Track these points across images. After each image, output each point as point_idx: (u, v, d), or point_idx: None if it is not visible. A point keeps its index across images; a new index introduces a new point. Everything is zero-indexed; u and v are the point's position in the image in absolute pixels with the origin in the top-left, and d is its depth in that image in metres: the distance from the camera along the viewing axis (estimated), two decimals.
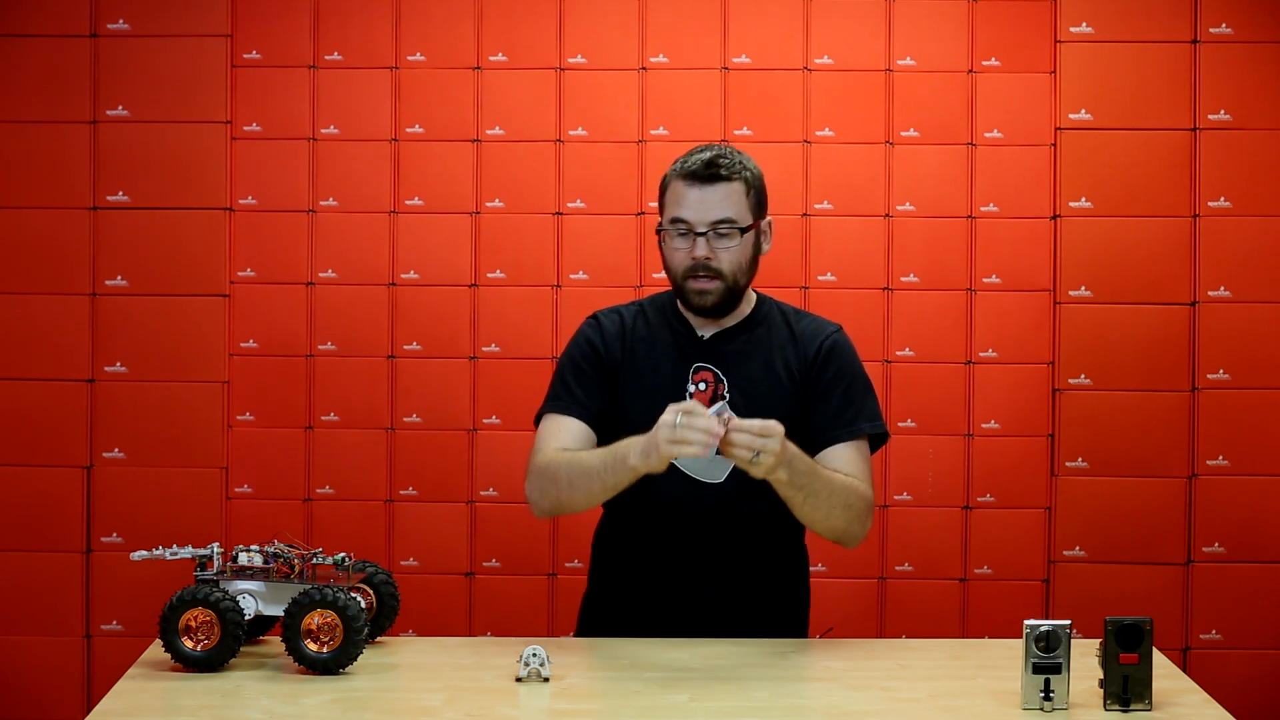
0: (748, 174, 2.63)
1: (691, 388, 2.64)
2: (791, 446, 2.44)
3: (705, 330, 2.69)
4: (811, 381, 2.66)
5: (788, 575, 2.76)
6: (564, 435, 2.63)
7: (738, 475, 2.56)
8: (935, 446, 4.10)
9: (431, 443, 4.12)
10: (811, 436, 2.63)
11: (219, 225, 4.10)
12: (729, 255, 2.60)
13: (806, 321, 2.72)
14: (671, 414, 2.36)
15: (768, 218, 2.68)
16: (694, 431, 2.34)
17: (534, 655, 2.32)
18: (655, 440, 2.38)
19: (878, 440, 2.70)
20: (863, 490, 2.59)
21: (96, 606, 4.07)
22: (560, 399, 2.67)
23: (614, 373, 2.68)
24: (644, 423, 2.47)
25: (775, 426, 2.39)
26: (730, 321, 2.70)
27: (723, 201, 2.60)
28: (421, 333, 4.13)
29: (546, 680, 2.30)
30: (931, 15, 4.12)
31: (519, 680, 2.31)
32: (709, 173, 2.59)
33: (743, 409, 2.58)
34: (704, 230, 2.59)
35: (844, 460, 2.62)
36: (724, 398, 2.63)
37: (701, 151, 2.63)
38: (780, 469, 2.42)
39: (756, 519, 2.65)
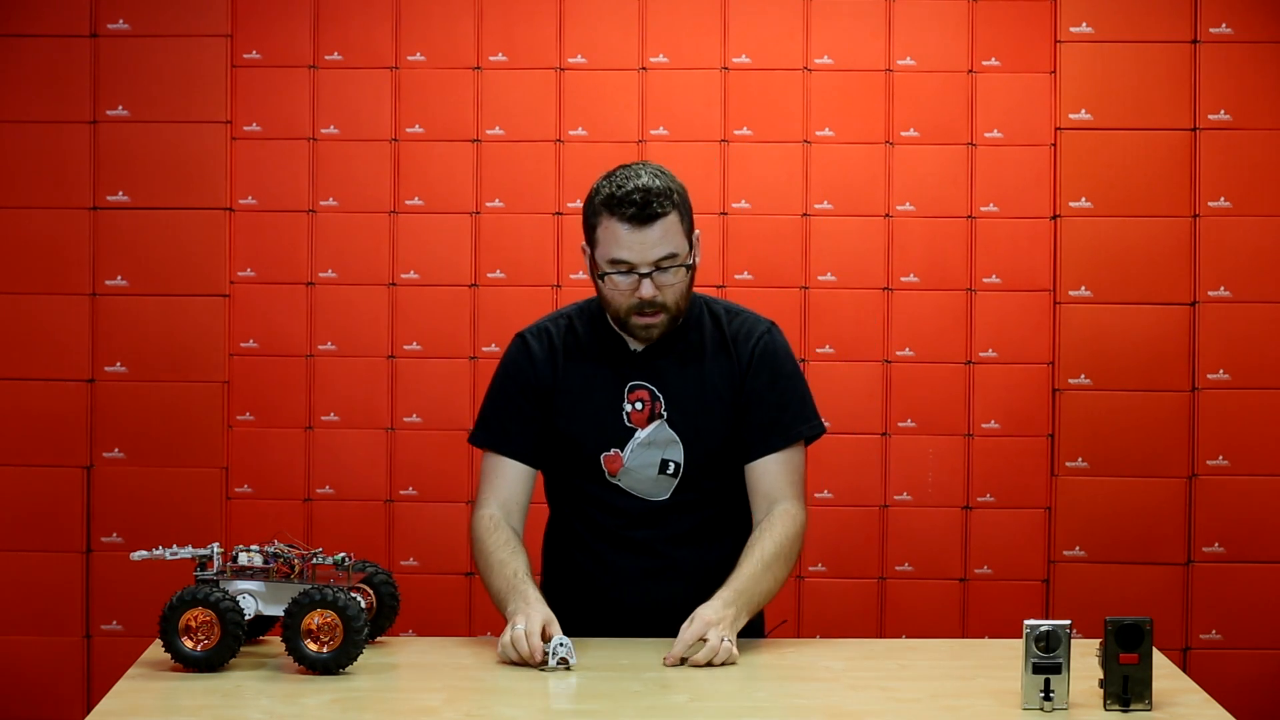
0: (676, 197, 2.53)
1: (628, 407, 2.59)
2: (735, 587, 2.46)
3: (638, 343, 2.62)
4: (745, 386, 2.60)
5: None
6: (503, 485, 2.61)
7: (680, 492, 2.58)
8: (935, 446, 4.09)
9: (431, 443, 4.12)
10: (745, 444, 2.60)
11: (219, 225, 4.10)
12: (674, 290, 2.53)
13: (738, 322, 2.65)
14: (506, 634, 2.38)
15: (696, 232, 2.59)
16: (512, 652, 2.37)
17: (561, 644, 2.33)
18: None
19: (812, 437, 2.66)
20: (794, 528, 2.56)
21: (96, 606, 4.07)
22: (494, 432, 2.63)
23: (546, 394, 2.62)
24: (585, 443, 2.57)
25: (710, 618, 2.40)
26: None
27: (662, 239, 2.50)
28: (421, 333, 4.13)
29: (569, 669, 2.32)
30: (931, 15, 4.12)
31: (543, 667, 2.32)
32: (646, 214, 2.48)
33: (680, 425, 2.57)
34: (647, 271, 2.51)
35: (774, 476, 2.59)
36: (661, 416, 2.58)
37: (625, 181, 2.51)
38: (742, 618, 2.46)
39: (703, 523, 2.63)
